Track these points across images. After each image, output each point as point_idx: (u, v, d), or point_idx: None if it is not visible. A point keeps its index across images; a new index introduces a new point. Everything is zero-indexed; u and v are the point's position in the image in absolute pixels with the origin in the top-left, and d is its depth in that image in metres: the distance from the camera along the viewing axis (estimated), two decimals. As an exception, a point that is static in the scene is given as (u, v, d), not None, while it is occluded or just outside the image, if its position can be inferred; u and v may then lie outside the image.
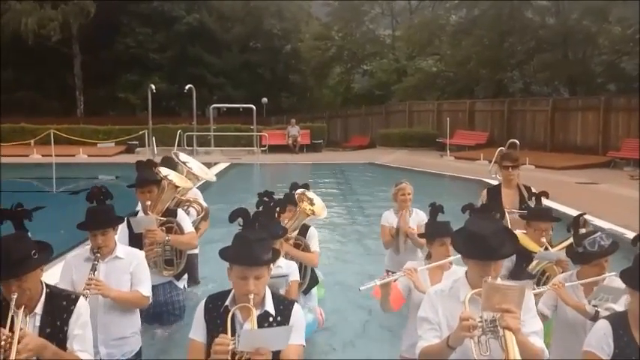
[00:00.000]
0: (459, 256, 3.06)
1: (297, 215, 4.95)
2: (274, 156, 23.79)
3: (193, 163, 5.69)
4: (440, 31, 32.25)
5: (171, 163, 5.55)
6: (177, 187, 4.88)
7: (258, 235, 2.88)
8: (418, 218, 5.87)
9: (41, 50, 32.31)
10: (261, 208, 4.27)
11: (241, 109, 27.95)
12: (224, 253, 2.88)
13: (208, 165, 19.52)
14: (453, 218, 4.09)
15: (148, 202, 4.71)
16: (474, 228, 2.84)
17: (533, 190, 5.74)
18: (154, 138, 22.36)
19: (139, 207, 5.06)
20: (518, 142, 14.93)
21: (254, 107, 25.97)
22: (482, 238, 2.75)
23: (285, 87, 39.60)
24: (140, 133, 24.44)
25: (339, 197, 14.51)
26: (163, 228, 4.77)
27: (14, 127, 26.11)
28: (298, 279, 4.56)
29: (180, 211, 4.99)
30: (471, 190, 15.16)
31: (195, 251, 5.94)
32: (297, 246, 4.95)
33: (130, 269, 3.86)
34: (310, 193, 5.15)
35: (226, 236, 2.96)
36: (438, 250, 4.05)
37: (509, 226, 5.18)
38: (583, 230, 3.90)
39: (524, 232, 4.68)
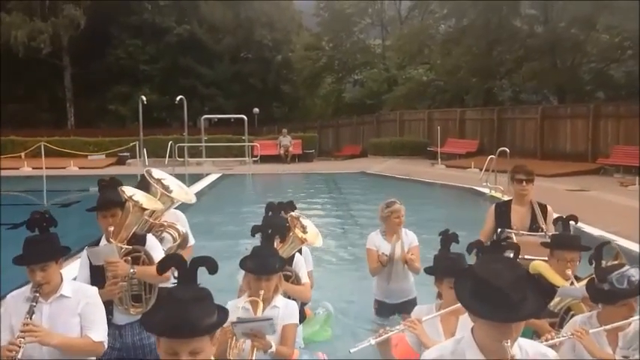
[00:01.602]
0: None
1: (289, 243, 4.25)
2: (266, 166, 23.79)
3: (170, 181, 4.80)
4: (429, 41, 32.44)
5: (146, 182, 4.72)
6: (144, 209, 4.08)
7: (195, 292, 2.09)
8: (408, 240, 5.34)
9: (31, 62, 32.26)
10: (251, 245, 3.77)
11: (233, 120, 27.97)
12: (147, 319, 2.18)
13: (200, 176, 19.59)
14: (443, 226, 3.94)
15: (111, 228, 3.99)
16: (485, 275, 2.14)
17: (549, 209, 5.11)
18: (145, 149, 22.33)
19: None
20: (508, 150, 15.00)
21: (245, 118, 26.00)
22: (497, 292, 2.07)
23: (277, 97, 39.68)
24: (131, 144, 24.39)
25: (331, 207, 14.51)
26: (129, 258, 3.99)
27: (4, 139, 25.99)
28: (297, 322, 3.81)
29: (150, 238, 4.19)
30: (463, 199, 15.25)
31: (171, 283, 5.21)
32: (286, 278, 4.20)
33: (78, 310, 3.27)
34: (303, 220, 4.46)
35: (218, 251, 2.67)
36: (449, 292, 3.14)
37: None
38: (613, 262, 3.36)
39: (545, 259, 4.08)
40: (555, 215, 4.84)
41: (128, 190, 4.09)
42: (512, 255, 2.62)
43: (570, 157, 20.84)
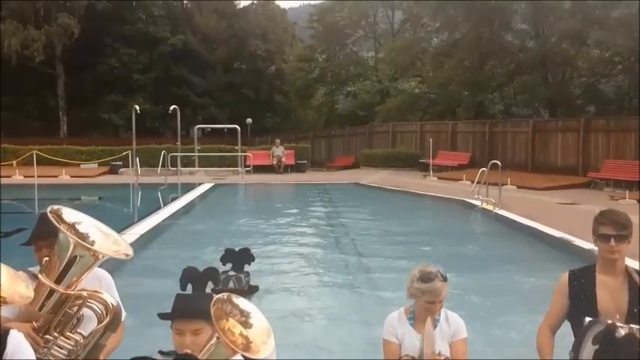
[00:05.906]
0: None
1: (209, 349, 2.23)
2: (259, 176, 23.80)
3: (88, 227, 2.66)
4: (422, 54, 32.72)
5: (49, 228, 2.61)
6: None
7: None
8: (450, 330, 3.27)
9: (24, 71, 32.21)
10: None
11: (226, 130, 27.98)
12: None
13: (192, 185, 19.56)
14: (435, 238, 3.85)
15: None
16: None
17: None
18: (137, 158, 22.31)
19: None
20: (500, 163, 15.08)
21: (239, 128, 26.07)
22: None
23: (270, 107, 39.82)
24: (124, 153, 24.35)
25: (323, 218, 14.51)
26: None
27: (-4, 147, 25.87)
28: None
29: (13, 339, 2.22)
30: (455, 211, 15.30)
31: None
32: None
33: None
34: (241, 301, 2.28)
35: (208, 263, 2.37)
36: None
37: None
38: None
39: None
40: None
41: None
42: None
43: (561, 171, 20.99)
